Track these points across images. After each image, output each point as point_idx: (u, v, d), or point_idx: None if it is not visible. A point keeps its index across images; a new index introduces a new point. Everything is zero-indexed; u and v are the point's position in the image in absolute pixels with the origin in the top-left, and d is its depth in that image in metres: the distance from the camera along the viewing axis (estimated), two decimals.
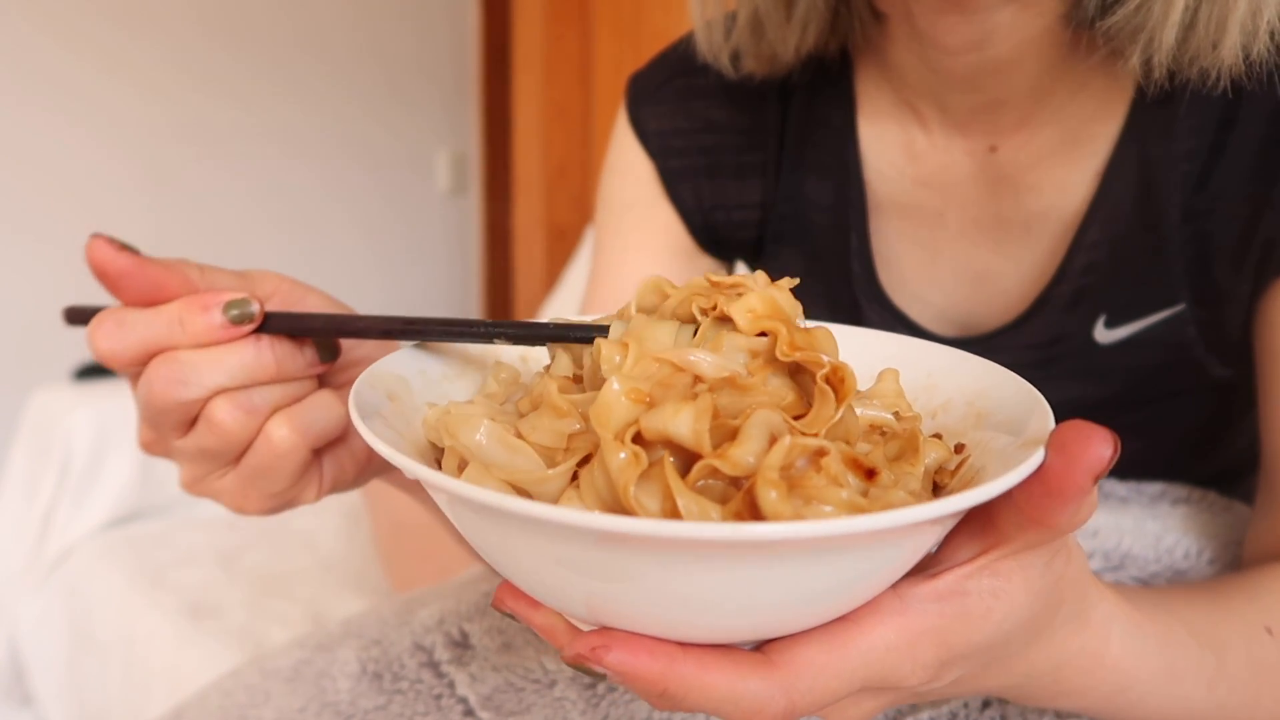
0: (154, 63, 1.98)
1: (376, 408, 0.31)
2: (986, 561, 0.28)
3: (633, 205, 0.63)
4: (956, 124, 0.53)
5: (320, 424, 0.38)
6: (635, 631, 0.26)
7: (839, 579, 0.25)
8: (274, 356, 0.36)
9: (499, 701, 0.47)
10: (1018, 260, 0.53)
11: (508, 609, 0.30)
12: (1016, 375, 0.32)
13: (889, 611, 0.27)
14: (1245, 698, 0.39)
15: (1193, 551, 0.53)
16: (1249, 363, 0.50)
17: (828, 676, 0.26)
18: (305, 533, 1.37)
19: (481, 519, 0.26)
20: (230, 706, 0.52)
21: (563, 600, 0.27)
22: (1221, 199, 0.47)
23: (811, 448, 0.26)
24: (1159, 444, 0.55)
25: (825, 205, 0.57)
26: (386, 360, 0.34)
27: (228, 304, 0.35)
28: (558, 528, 0.23)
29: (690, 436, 0.26)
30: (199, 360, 0.35)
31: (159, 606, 1.16)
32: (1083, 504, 0.26)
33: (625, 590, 0.25)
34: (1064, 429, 0.26)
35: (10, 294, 1.87)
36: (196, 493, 0.40)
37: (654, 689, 0.26)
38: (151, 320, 0.35)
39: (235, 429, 0.36)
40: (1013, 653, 0.30)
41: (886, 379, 0.34)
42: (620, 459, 0.25)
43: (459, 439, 0.29)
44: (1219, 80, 0.44)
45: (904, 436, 0.30)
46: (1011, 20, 0.47)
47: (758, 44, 0.55)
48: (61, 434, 1.39)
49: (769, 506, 0.24)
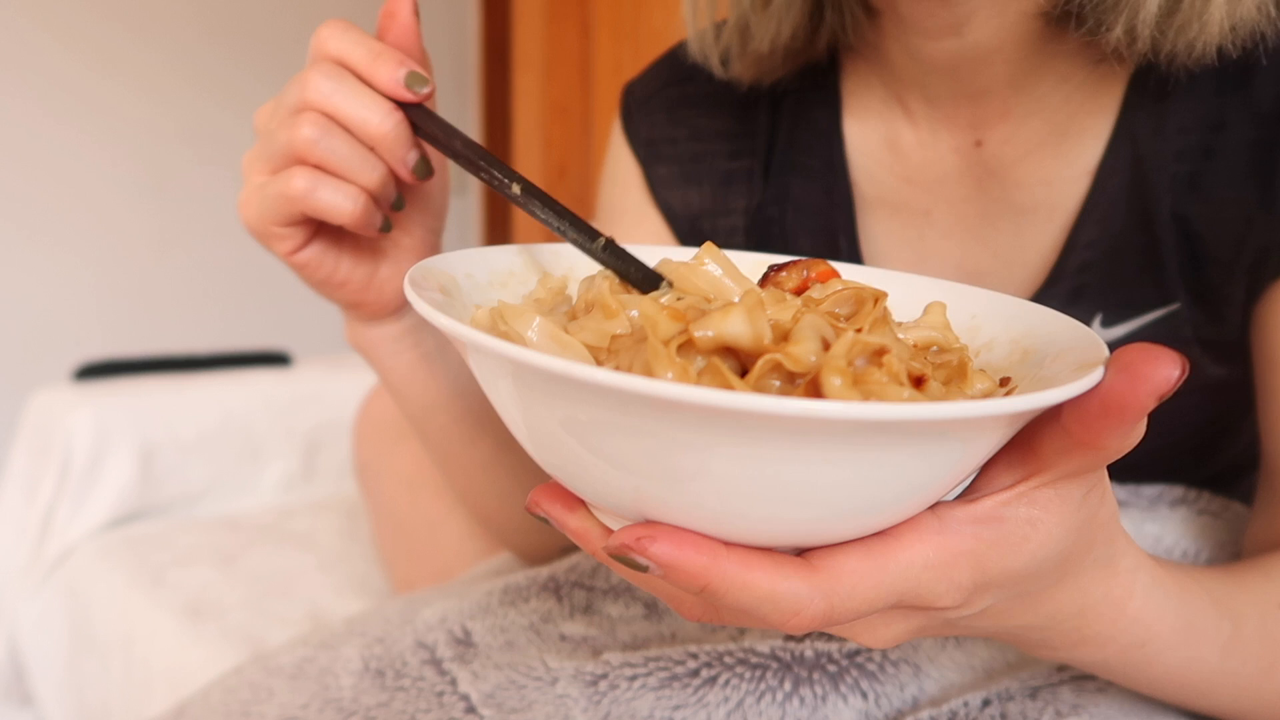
0: (154, 63, 1.98)
1: (429, 292, 0.31)
2: (1025, 489, 0.28)
3: (623, 212, 0.64)
4: (942, 116, 0.54)
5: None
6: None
7: (892, 477, 0.25)
8: (395, 133, 0.41)
9: (501, 699, 0.47)
10: (1009, 259, 0.54)
11: (542, 511, 0.30)
12: (1061, 313, 0.32)
13: (928, 530, 0.27)
14: (1256, 669, 0.39)
15: (1191, 552, 0.53)
16: (1246, 363, 0.50)
17: (866, 586, 0.26)
18: (305, 533, 1.37)
19: (540, 393, 0.25)
20: (233, 703, 0.52)
21: (608, 488, 0.27)
22: (1212, 201, 0.47)
23: (874, 345, 0.25)
24: (1158, 445, 0.55)
25: (813, 208, 0.58)
26: (437, 259, 0.35)
27: (412, 73, 0.41)
28: (631, 396, 0.22)
29: (748, 333, 0.26)
30: (353, 89, 0.41)
31: (159, 606, 1.16)
32: (1137, 426, 0.26)
33: (678, 476, 0.24)
34: (1129, 349, 0.26)
35: (10, 294, 1.87)
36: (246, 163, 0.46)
37: (695, 583, 0.26)
38: (361, 41, 0.41)
39: (313, 139, 0.41)
40: (1043, 587, 0.30)
41: (933, 311, 0.34)
42: (668, 378, 0.25)
43: (513, 327, 0.29)
44: (1205, 52, 0.44)
45: (953, 365, 0.30)
46: (988, 5, 0.47)
47: (744, 45, 0.55)
48: (61, 434, 1.39)
49: (835, 393, 0.24)
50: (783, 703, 0.45)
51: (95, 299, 1.95)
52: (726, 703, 0.45)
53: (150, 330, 2.00)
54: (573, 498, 0.30)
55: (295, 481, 1.51)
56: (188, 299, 1.98)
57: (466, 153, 0.40)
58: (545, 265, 0.39)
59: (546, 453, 0.28)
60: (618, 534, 0.26)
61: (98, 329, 1.94)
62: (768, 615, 0.26)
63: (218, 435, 1.45)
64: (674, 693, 0.46)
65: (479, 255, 0.37)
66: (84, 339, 1.90)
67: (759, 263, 0.40)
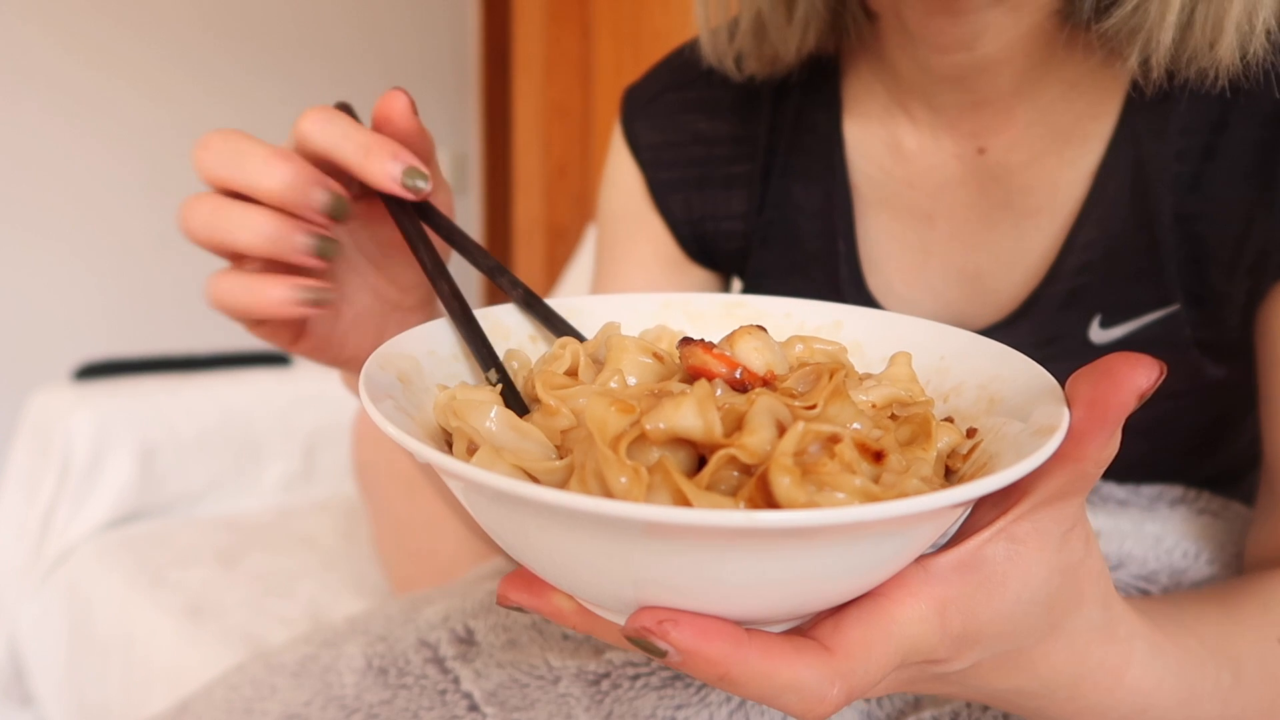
0: (154, 63, 1.98)
1: (388, 390, 0.30)
2: (1004, 524, 0.28)
3: (624, 217, 0.64)
4: (946, 122, 0.54)
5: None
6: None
7: (857, 561, 0.25)
8: (288, 185, 0.36)
9: (503, 697, 0.47)
10: (1009, 260, 0.54)
11: (512, 602, 0.30)
12: (1031, 360, 0.32)
13: (918, 583, 0.27)
14: (1259, 711, 0.39)
15: (1191, 552, 0.53)
16: (1245, 364, 0.50)
17: (876, 655, 0.26)
18: (305, 533, 1.37)
19: (514, 511, 0.25)
20: (236, 700, 0.52)
21: (598, 589, 0.27)
22: (1214, 201, 0.47)
23: (825, 433, 0.25)
24: (1158, 446, 0.55)
25: (813, 210, 0.58)
26: (396, 340, 0.34)
27: (410, 169, 0.37)
28: (579, 515, 0.23)
29: (700, 426, 0.25)
30: (244, 158, 0.36)
31: (159, 606, 1.16)
32: (1115, 435, 0.26)
33: (640, 578, 0.24)
34: (1111, 357, 0.26)
35: (10, 294, 1.87)
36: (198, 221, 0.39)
37: (714, 671, 0.25)
38: (351, 134, 0.37)
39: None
40: (1033, 641, 0.30)
41: (899, 363, 0.34)
42: (622, 483, 0.25)
43: (468, 422, 0.29)
44: (1217, 80, 0.45)
45: (916, 421, 0.30)
46: (1000, 20, 0.47)
47: (759, 46, 0.55)
48: (61, 434, 1.39)
49: (783, 492, 0.24)
50: None
51: (95, 299, 1.95)
52: (729, 702, 0.45)
53: (150, 330, 2.00)
54: (540, 583, 0.30)
55: (295, 481, 1.51)
56: (188, 299, 1.97)
57: (427, 261, 0.38)
58: (506, 324, 0.39)
59: (528, 560, 0.28)
60: (637, 615, 0.25)
61: (98, 329, 1.94)
62: (789, 704, 0.26)
63: (218, 435, 1.45)
64: (676, 692, 0.46)
65: (439, 330, 0.36)
66: (84, 339, 1.90)
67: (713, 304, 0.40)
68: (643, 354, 0.32)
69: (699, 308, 0.41)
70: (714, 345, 0.31)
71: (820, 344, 0.36)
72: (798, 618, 0.28)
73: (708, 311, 0.41)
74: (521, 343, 0.39)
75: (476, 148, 2.50)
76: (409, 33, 2.35)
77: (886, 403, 0.32)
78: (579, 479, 0.26)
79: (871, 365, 0.38)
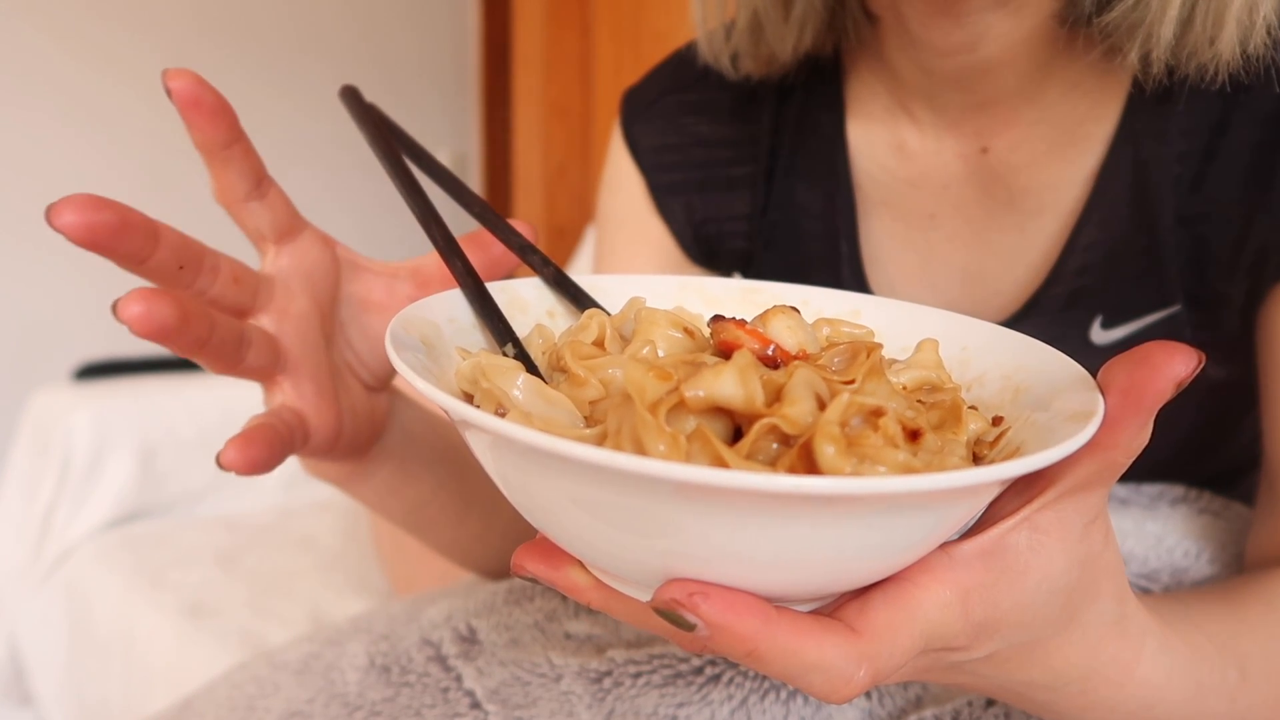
0: (154, 63, 1.98)
1: (412, 350, 0.30)
2: (1029, 512, 0.28)
3: (625, 221, 0.64)
4: (949, 123, 0.54)
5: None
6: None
7: (891, 539, 0.24)
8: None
9: (505, 695, 0.47)
10: (1011, 260, 0.54)
11: (528, 573, 0.29)
12: (1057, 350, 0.32)
13: (942, 569, 0.27)
14: (1265, 707, 0.39)
15: (1192, 551, 0.53)
16: (1245, 364, 0.50)
17: (902, 638, 0.26)
18: (305, 533, 1.37)
19: (546, 471, 0.25)
20: (239, 698, 0.52)
21: (624, 559, 0.26)
22: (1214, 202, 0.47)
23: (869, 406, 0.25)
24: (1159, 446, 0.55)
25: (816, 211, 0.58)
26: (418, 305, 0.33)
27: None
28: (618, 474, 0.22)
29: (740, 395, 0.25)
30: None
31: (159, 606, 1.16)
32: (1147, 423, 0.26)
33: (684, 543, 0.24)
34: (1147, 346, 0.26)
35: (10, 294, 1.87)
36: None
37: (743, 647, 0.24)
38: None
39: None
40: (1050, 632, 0.30)
41: (925, 349, 0.33)
42: (660, 450, 0.24)
43: (497, 384, 0.28)
44: (1217, 76, 0.45)
45: (945, 406, 0.30)
46: (1001, 23, 0.47)
47: (756, 45, 0.55)
48: (61, 434, 1.39)
49: (827, 461, 0.23)
50: (786, 701, 0.46)
51: (95, 299, 1.95)
52: (730, 700, 0.45)
53: None
54: (558, 554, 0.29)
55: (295, 481, 1.51)
56: None
57: (440, 239, 0.38)
58: (526, 299, 0.38)
59: (552, 525, 0.27)
60: (666, 587, 0.24)
61: (98, 329, 1.94)
62: (814, 684, 0.25)
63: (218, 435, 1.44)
64: (678, 690, 0.46)
65: (459, 299, 0.36)
66: (84, 339, 1.90)
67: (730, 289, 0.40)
68: (673, 327, 0.31)
69: (715, 292, 0.40)
70: (746, 322, 0.31)
71: (848, 327, 0.35)
72: (821, 598, 0.27)
73: (724, 296, 0.40)
74: (539, 318, 0.38)
75: (476, 147, 2.51)
76: (409, 32, 2.35)
77: (916, 385, 0.32)
78: (614, 444, 0.25)
79: (890, 355, 0.38)
